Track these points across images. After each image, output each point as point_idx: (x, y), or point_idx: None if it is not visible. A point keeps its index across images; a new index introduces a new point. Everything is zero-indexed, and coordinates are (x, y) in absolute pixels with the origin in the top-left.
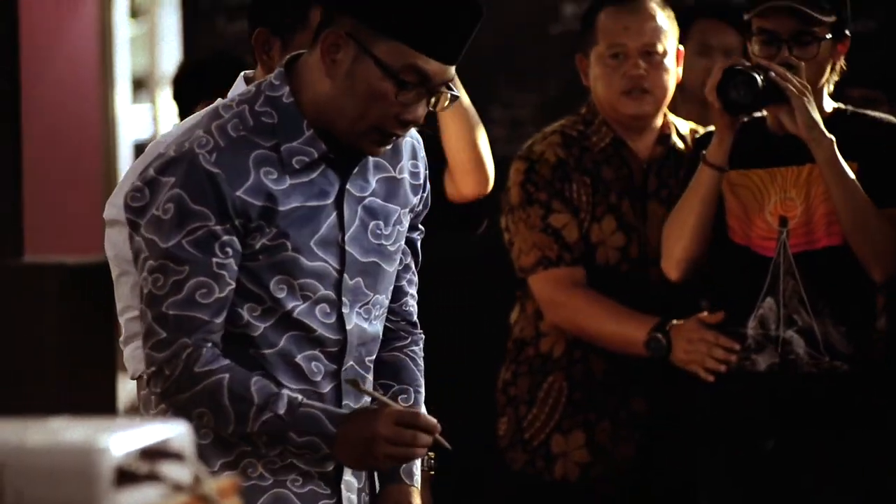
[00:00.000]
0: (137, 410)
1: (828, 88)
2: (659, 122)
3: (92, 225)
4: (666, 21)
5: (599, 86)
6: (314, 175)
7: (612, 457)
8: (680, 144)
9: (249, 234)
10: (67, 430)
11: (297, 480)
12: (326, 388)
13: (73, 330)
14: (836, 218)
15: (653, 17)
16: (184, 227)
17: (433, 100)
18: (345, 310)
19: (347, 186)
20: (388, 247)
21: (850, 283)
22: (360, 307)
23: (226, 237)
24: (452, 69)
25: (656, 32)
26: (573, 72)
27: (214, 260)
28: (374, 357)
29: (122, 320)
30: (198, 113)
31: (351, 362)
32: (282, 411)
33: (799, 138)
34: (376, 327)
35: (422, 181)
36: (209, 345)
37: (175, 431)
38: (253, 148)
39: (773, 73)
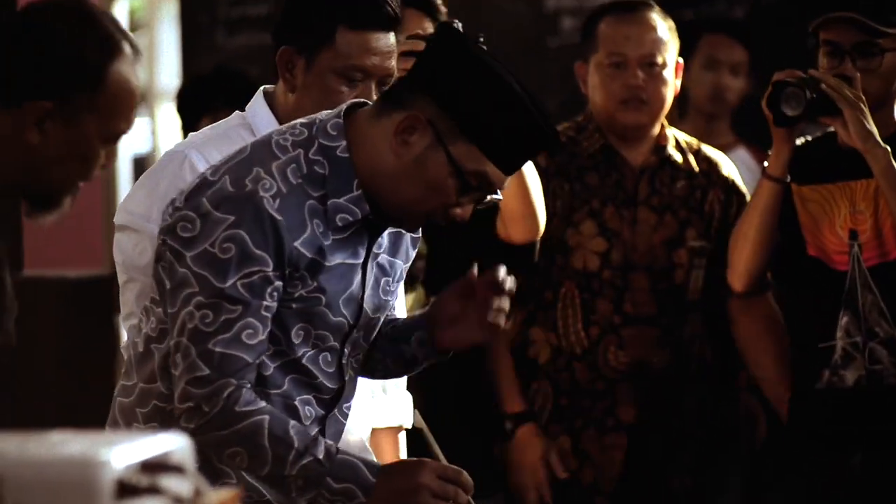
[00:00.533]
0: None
1: None
2: (655, 131)
3: (91, 238)
4: (667, 32)
5: (597, 94)
6: (350, 233)
7: (597, 463)
8: (677, 156)
9: (292, 281)
10: (68, 443)
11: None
12: (312, 431)
13: (73, 344)
14: None
15: (654, 29)
16: (241, 269)
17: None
18: (344, 360)
19: (373, 247)
20: (390, 302)
21: None
22: (354, 358)
23: (277, 283)
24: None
25: (657, 44)
26: (572, 85)
27: (264, 303)
28: (350, 404)
29: (124, 326)
30: (250, 144)
31: (335, 409)
32: (321, 456)
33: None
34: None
35: (419, 234)
36: (248, 385)
37: (176, 444)
38: (307, 197)
39: (824, 85)
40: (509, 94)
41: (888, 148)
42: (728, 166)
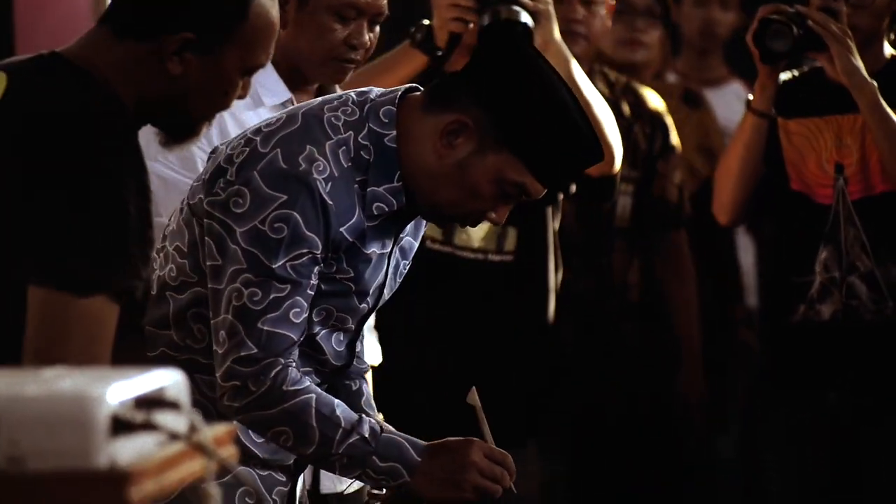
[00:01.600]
0: None
1: (887, 37)
2: (585, 67)
3: None
4: None
5: None
6: (380, 222)
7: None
8: (605, 91)
9: (327, 262)
10: (62, 379)
11: (257, 466)
12: None
13: None
14: None
15: None
16: (292, 250)
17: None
18: (357, 341)
19: (400, 235)
20: (398, 282)
21: None
22: (360, 337)
23: (322, 264)
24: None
25: None
26: None
27: (311, 282)
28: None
29: None
30: (300, 114)
31: (331, 381)
32: (367, 435)
33: None
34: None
35: None
36: (293, 364)
37: (170, 380)
38: (353, 182)
39: (811, 21)
40: (560, 111)
41: (874, 83)
42: (655, 100)
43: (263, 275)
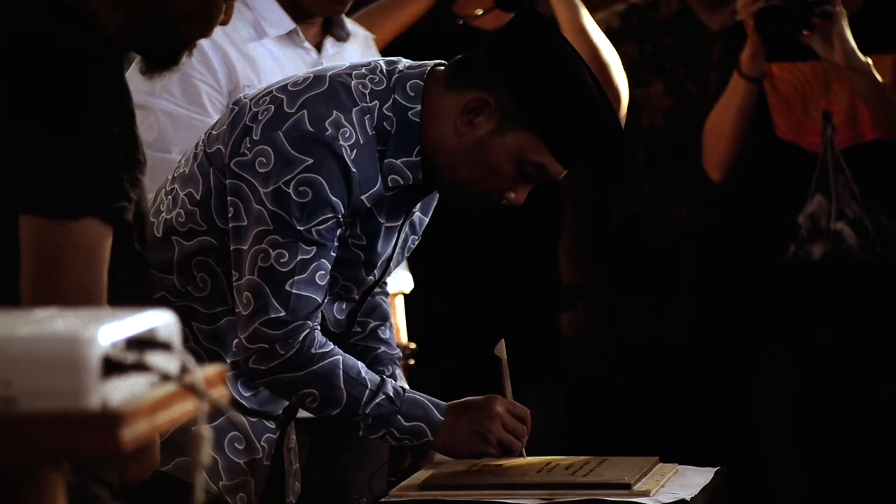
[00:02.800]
0: None
1: None
2: None
3: None
4: None
5: None
6: (396, 194)
7: None
8: None
9: (346, 225)
10: (53, 320)
11: (246, 413)
12: None
13: None
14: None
15: None
16: (317, 214)
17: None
18: (358, 312)
19: (412, 209)
20: (406, 256)
21: None
22: (362, 307)
23: (343, 228)
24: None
25: None
26: None
27: (334, 244)
28: None
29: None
30: (328, 76)
31: None
32: (392, 395)
33: None
34: None
35: None
36: (318, 327)
37: (162, 321)
38: (375, 151)
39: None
40: (584, 94)
41: (870, 61)
42: None
43: (290, 236)
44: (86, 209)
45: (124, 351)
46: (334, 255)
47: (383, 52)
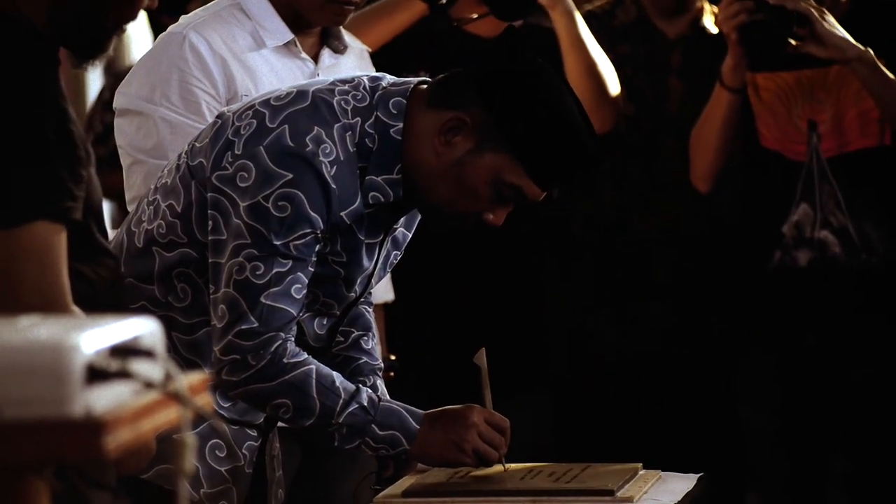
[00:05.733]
0: None
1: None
2: (697, 5)
3: None
4: None
5: None
6: (376, 211)
7: None
8: (712, 29)
9: (324, 242)
10: (37, 328)
11: (227, 422)
12: None
13: None
14: (870, 118)
15: None
16: (296, 229)
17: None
18: (339, 328)
19: (392, 225)
20: (388, 272)
21: (886, 182)
22: (343, 322)
23: (321, 244)
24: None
25: None
26: None
27: (311, 260)
28: None
29: (130, 209)
30: (311, 92)
31: None
32: (366, 404)
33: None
34: None
35: None
36: (292, 338)
37: (146, 328)
38: (356, 167)
39: (788, 5)
40: (562, 117)
41: (870, 50)
42: None
43: (267, 250)
44: (31, 214)
45: (108, 358)
46: (311, 269)
47: (373, 56)
